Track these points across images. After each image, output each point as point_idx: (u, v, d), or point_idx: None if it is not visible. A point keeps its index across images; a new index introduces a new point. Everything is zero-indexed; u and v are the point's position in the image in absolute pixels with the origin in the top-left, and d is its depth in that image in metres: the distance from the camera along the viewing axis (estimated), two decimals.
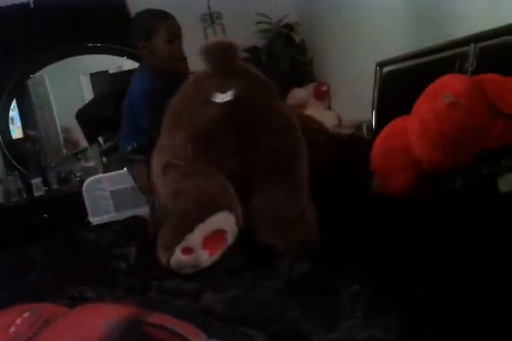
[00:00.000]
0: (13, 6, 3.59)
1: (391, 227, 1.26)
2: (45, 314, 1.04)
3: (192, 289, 1.06)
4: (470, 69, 1.72)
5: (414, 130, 1.49)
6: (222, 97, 1.27)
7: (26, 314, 1.03)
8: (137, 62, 3.69)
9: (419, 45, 2.12)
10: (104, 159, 2.90)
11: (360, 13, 3.07)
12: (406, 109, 1.59)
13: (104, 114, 2.70)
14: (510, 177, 1.20)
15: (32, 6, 3.63)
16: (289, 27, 3.80)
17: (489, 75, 1.39)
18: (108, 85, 3.03)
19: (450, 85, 1.39)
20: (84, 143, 3.61)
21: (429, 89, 1.45)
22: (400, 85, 2.14)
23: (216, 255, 1.14)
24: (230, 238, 1.15)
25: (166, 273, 1.17)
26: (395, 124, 1.70)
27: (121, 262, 1.39)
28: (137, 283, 1.22)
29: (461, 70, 1.74)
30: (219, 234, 1.13)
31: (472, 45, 1.76)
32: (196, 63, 3.70)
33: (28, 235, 2.61)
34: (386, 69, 2.27)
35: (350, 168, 1.56)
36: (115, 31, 3.72)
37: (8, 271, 1.63)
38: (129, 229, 1.77)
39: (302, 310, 0.93)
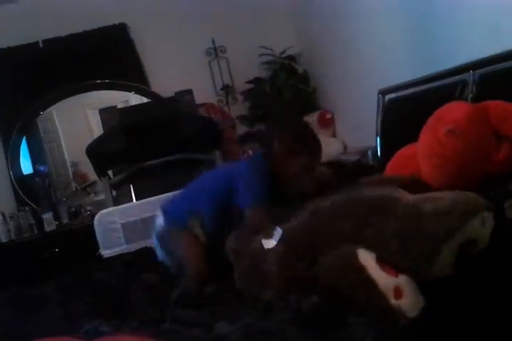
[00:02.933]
0: (23, 46, 3.70)
1: None
2: None
3: (205, 319, 1.07)
4: (470, 95, 1.76)
5: (420, 156, 1.51)
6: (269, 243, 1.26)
7: None
8: (144, 96, 3.78)
9: (420, 73, 2.17)
10: (114, 192, 2.93)
11: (361, 42, 3.14)
12: (409, 135, 1.61)
13: (114, 148, 2.75)
14: None
15: (41, 45, 3.75)
16: (292, 58, 3.89)
17: (493, 101, 1.42)
18: (117, 120, 3.08)
19: (450, 113, 1.42)
20: (93, 176, 3.65)
21: (433, 117, 1.48)
22: (402, 112, 2.18)
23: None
24: None
25: (179, 304, 1.17)
26: (403, 153, 1.72)
27: (134, 294, 1.40)
28: (151, 314, 1.22)
29: (461, 97, 1.78)
30: None
31: (471, 71, 1.79)
32: (203, 96, 3.79)
33: (40, 270, 2.63)
34: (388, 96, 2.31)
35: None
36: (122, 68, 3.83)
37: (21, 306, 1.64)
38: (140, 261, 1.78)
39: (312, 340, 0.94)
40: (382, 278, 1.00)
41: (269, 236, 1.22)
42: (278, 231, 1.22)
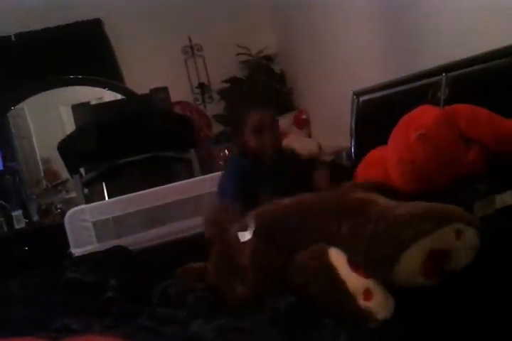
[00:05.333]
0: None
1: None
2: None
3: (181, 316, 1.06)
4: (442, 97, 1.79)
5: (390, 161, 1.53)
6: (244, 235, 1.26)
7: None
8: (118, 93, 3.73)
9: (394, 75, 2.20)
10: (86, 190, 2.88)
11: (337, 44, 3.16)
12: (383, 136, 1.63)
13: (87, 145, 2.71)
14: (484, 202, 1.23)
15: (13, 39, 3.67)
16: (269, 58, 3.90)
17: (461, 105, 1.45)
18: (90, 116, 3.04)
19: (419, 118, 1.44)
20: (64, 174, 3.59)
21: (402, 121, 1.50)
22: (376, 113, 2.20)
23: None
24: None
25: (155, 301, 1.16)
26: (372, 155, 1.75)
27: (107, 291, 1.38)
28: (127, 311, 1.21)
29: (434, 99, 1.80)
30: None
31: (444, 74, 1.82)
32: (179, 94, 3.77)
33: (8, 268, 2.57)
34: (362, 98, 2.34)
35: None
36: (96, 63, 3.78)
37: None
38: (111, 259, 1.75)
39: (287, 339, 0.94)
40: (352, 279, 0.99)
41: (245, 228, 1.21)
42: (251, 224, 1.21)
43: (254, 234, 1.19)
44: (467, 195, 1.29)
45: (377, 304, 0.97)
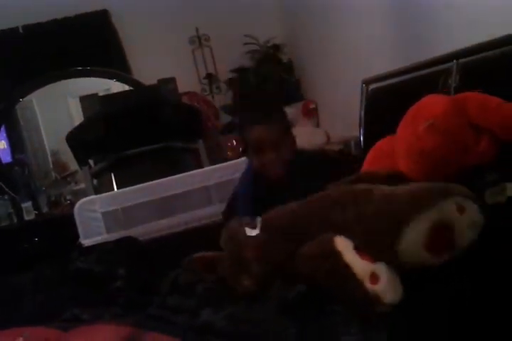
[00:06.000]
0: (2, 31, 3.62)
1: None
2: (39, 338, 1.03)
3: (191, 306, 1.06)
4: (453, 85, 1.76)
5: (399, 152, 1.51)
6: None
7: (19, 339, 1.02)
8: (126, 84, 3.73)
9: (404, 63, 2.17)
10: (95, 181, 2.89)
11: (345, 32, 3.13)
12: (392, 125, 1.61)
13: (95, 136, 2.71)
14: (495, 190, 1.22)
15: (21, 31, 3.67)
16: (276, 47, 3.87)
17: (471, 93, 1.42)
18: (98, 107, 3.03)
19: (428, 107, 1.42)
20: (73, 166, 3.60)
21: (410, 111, 1.48)
22: (385, 102, 2.18)
23: None
24: None
25: (164, 291, 1.17)
26: (381, 145, 1.73)
27: (116, 281, 1.38)
28: (137, 299, 1.21)
29: (445, 86, 1.78)
30: None
31: (455, 61, 1.80)
32: (187, 84, 3.76)
33: (18, 259, 2.59)
34: (372, 86, 2.31)
35: None
36: (104, 55, 3.77)
37: None
38: (121, 249, 1.76)
39: (298, 328, 0.94)
40: (358, 263, 0.99)
41: (253, 227, 1.22)
42: (259, 221, 1.22)
43: (262, 228, 1.19)
44: (477, 183, 1.28)
45: (384, 287, 0.96)
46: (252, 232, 1.21)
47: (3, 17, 3.53)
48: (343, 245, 1.02)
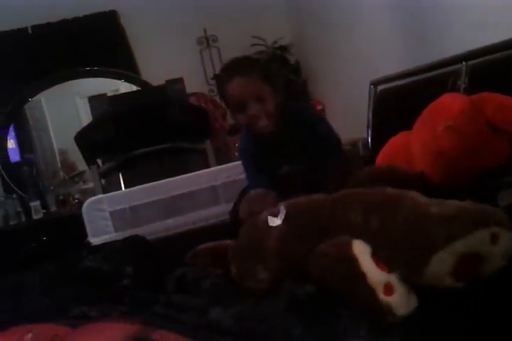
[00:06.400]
0: (12, 31, 3.65)
1: None
2: (47, 335, 1.04)
3: (199, 303, 1.06)
4: (462, 86, 1.76)
5: (416, 151, 1.50)
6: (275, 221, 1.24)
7: (29, 335, 1.03)
8: (134, 85, 3.75)
9: (412, 64, 2.16)
10: (103, 180, 2.90)
11: (353, 32, 3.13)
12: (400, 126, 1.61)
13: (103, 136, 2.73)
14: (508, 192, 1.21)
15: (30, 31, 3.70)
16: (284, 48, 3.87)
17: (488, 94, 1.42)
18: (106, 108, 3.05)
19: (446, 107, 1.41)
20: (80, 165, 3.62)
21: (427, 111, 1.47)
22: (393, 103, 2.18)
23: None
24: None
25: (170, 288, 1.17)
26: (395, 142, 1.72)
27: (124, 280, 1.39)
28: (143, 298, 1.22)
29: (454, 87, 1.78)
30: None
31: (464, 62, 1.79)
32: (194, 85, 3.76)
33: (26, 258, 2.61)
34: (380, 87, 2.31)
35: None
36: (112, 55, 3.79)
37: (7, 294, 1.62)
38: (129, 247, 1.77)
39: (306, 327, 0.93)
40: (374, 272, 0.97)
41: (276, 213, 1.21)
42: (282, 211, 1.21)
43: (284, 220, 1.18)
44: (492, 185, 1.27)
45: (398, 300, 0.94)
46: (275, 222, 1.19)
47: (13, 17, 3.56)
48: (361, 251, 1.00)
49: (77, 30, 3.73)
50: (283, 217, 1.18)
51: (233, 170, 2.30)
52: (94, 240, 2.11)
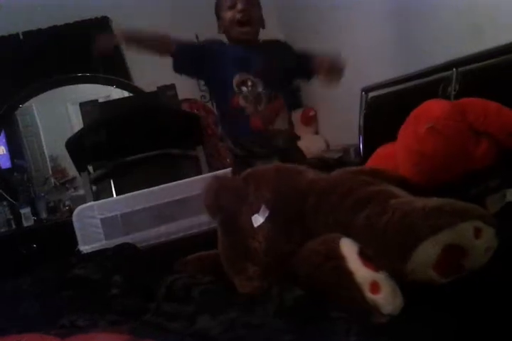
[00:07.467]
0: (3, 37, 3.63)
1: None
2: None
3: (187, 312, 1.05)
4: (453, 93, 1.77)
5: (400, 155, 1.52)
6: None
7: None
8: (126, 91, 3.74)
9: (403, 71, 2.18)
10: (94, 187, 2.88)
11: (344, 40, 3.14)
12: (392, 133, 1.61)
13: (95, 142, 2.71)
14: (496, 197, 1.22)
15: (21, 37, 3.68)
16: None
17: (470, 99, 1.43)
18: (98, 114, 3.04)
19: (428, 111, 1.43)
20: (72, 172, 3.60)
21: (411, 115, 1.49)
22: (385, 110, 2.19)
23: None
24: None
25: (160, 296, 1.16)
26: (382, 152, 1.73)
27: (114, 288, 1.38)
28: (132, 306, 1.21)
29: (444, 94, 1.79)
30: None
31: (454, 69, 1.80)
32: (187, 91, 3.72)
33: (16, 265, 2.58)
34: (371, 94, 2.32)
35: None
36: (104, 62, 3.78)
37: None
38: (119, 256, 1.75)
39: (296, 334, 0.93)
40: (360, 270, 0.97)
41: (258, 211, 1.21)
42: (264, 210, 1.21)
43: (268, 217, 1.18)
44: (479, 190, 1.27)
45: (385, 298, 0.94)
46: (258, 221, 1.20)
47: (4, 23, 3.54)
48: (348, 249, 1.00)
49: (69, 37, 3.72)
50: (266, 214, 1.19)
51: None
52: (85, 248, 2.09)
